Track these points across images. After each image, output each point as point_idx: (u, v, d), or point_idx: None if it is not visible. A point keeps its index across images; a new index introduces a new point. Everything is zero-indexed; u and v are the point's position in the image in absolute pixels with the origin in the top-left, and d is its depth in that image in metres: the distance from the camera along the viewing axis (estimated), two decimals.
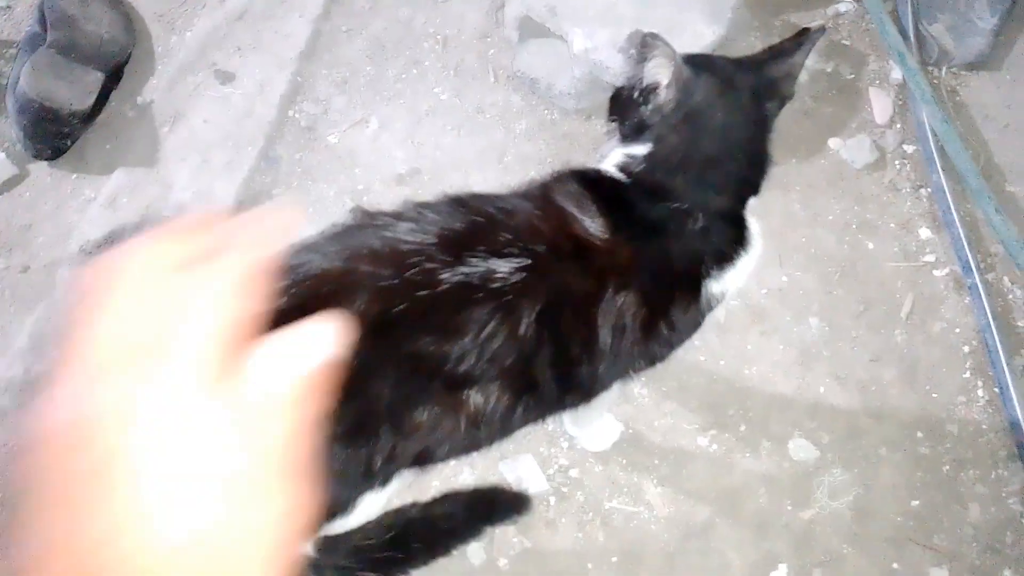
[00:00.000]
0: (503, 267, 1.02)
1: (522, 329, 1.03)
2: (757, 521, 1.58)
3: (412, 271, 0.99)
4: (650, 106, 1.18)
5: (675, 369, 1.71)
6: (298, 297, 0.96)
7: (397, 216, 1.07)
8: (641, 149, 1.19)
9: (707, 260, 1.16)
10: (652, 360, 1.24)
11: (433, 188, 1.93)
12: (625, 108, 1.23)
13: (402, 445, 1.03)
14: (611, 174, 1.20)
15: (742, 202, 1.21)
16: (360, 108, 2.06)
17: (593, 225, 1.11)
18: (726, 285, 1.19)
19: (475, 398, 1.04)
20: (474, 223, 1.07)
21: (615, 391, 1.30)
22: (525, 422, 1.15)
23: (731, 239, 1.19)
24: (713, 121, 1.16)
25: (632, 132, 1.21)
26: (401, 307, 0.98)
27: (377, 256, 1.01)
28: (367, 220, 1.09)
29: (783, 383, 1.71)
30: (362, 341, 0.96)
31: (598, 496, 1.59)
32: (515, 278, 1.02)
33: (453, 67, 2.14)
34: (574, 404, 1.22)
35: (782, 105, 1.24)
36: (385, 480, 1.09)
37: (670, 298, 1.15)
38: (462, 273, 1.00)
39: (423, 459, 1.09)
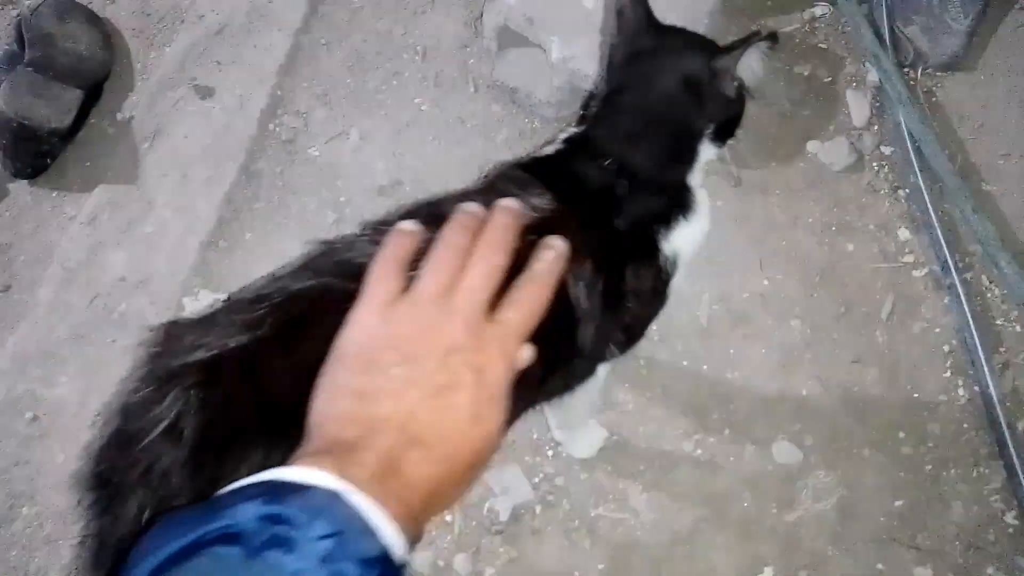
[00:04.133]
0: None
1: None
2: (743, 525, 1.59)
3: None
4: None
5: (659, 374, 1.72)
6: (277, 321, 0.96)
7: (354, 238, 1.09)
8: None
9: (650, 222, 1.19)
10: (627, 332, 1.25)
11: (415, 198, 1.93)
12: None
13: None
14: (549, 151, 1.24)
15: (674, 169, 1.23)
16: (341, 120, 2.06)
17: (540, 201, 1.13)
18: (676, 246, 1.21)
19: None
20: (428, 224, 1.09)
21: (600, 378, 1.32)
22: (521, 410, 1.16)
23: (671, 201, 1.21)
24: (645, 81, 1.19)
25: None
26: None
27: (343, 272, 1.02)
28: (326, 246, 1.10)
29: (766, 386, 1.72)
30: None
31: (584, 504, 1.59)
32: None
33: (433, 78, 2.14)
34: (565, 385, 1.25)
35: (722, 101, 1.21)
36: None
37: (624, 260, 1.17)
38: None
39: None
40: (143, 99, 2.08)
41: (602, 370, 1.33)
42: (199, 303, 1.76)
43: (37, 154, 1.91)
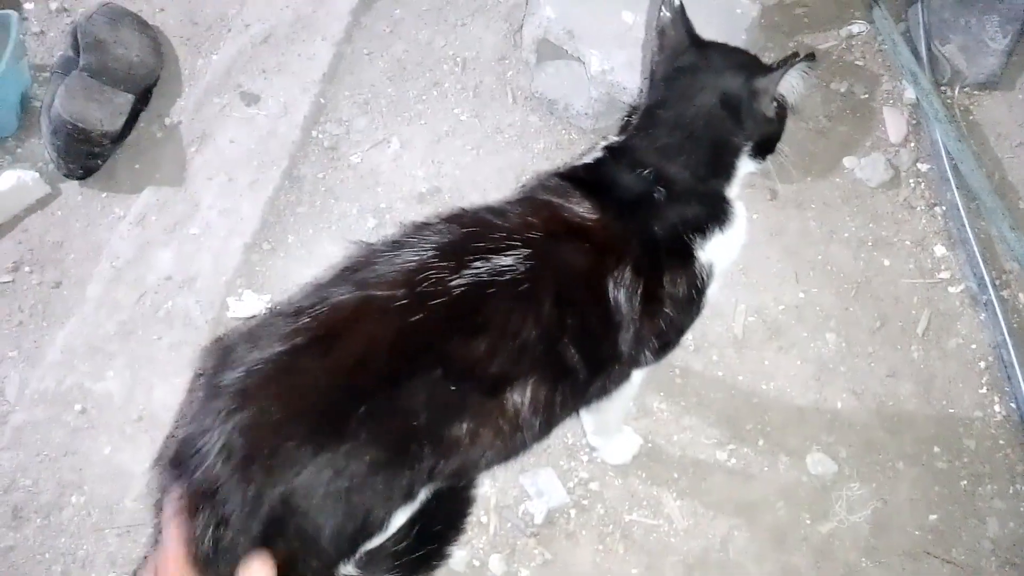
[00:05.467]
0: (507, 261, 1.06)
1: (544, 313, 1.07)
2: (776, 534, 1.59)
3: (422, 285, 1.03)
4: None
5: (694, 384, 1.73)
6: (321, 331, 1.00)
7: (396, 242, 1.12)
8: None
9: (687, 230, 1.21)
10: (662, 338, 1.27)
11: (453, 206, 1.97)
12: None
13: (442, 464, 1.05)
14: (588, 160, 1.28)
15: (711, 182, 1.25)
16: (382, 129, 2.11)
17: (580, 208, 1.17)
18: (711, 256, 1.23)
19: (513, 399, 1.07)
20: (468, 231, 1.12)
21: (635, 384, 1.34)
22: (562, 416, 1.19)
23: (708, 212, 1.24)
24: (686, 97, 1.22)
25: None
26: (418, 318, 1.01)
27: (386, 280, 1.05)
28: (368, 251, 1.13)
29: (801, 398, 1.73)
30: (385, 361, 0.99)
31: (618, 509, 1.61)
32: (523, 267, 1.07)
33: (472, 88, 2.18)
34: (603, 390, 1.26)
35: (760, 119, 1.24)
36: (418, 495, 1.12)
37: (661, 267, 1.20)
38: (469, 275, 1.04)
39: (462, 472, 1.12)
40: (190, 104, 2.14)
41: (637, 376, 1.35)
42: (243, 303, 1.80)
43: (89, 155, 1.96)
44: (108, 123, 1.97)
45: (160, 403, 1.67)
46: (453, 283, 1.02)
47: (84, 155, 1.96)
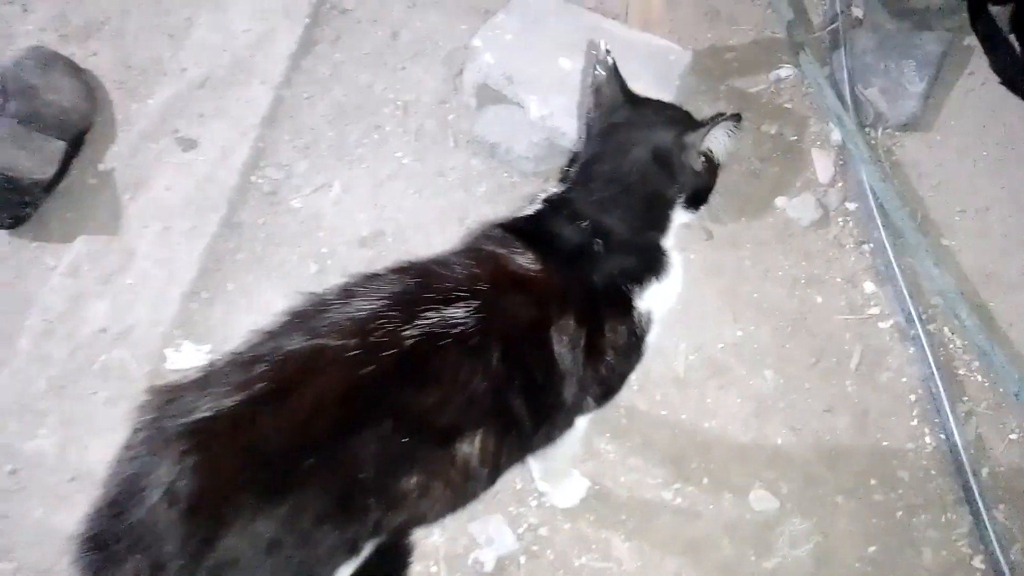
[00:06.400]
0: (457, 313, 1.08)
1: (492, 365, 1.09)
2: (722, 572, 1.62)
3: (375, 335, 1.04)
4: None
5: (639, 423, 1.75)
6: (274, 382, 0.99)
7: (347, 290, 1.13)
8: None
9: (625, 281, 1.24)
10: (604, 385, 1.30)
11: (397, 249, 1.98)
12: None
13: (388, 517, 1.05)
14: (529, 212, 1.31)
15: (646, 234, 1.29)
16: (323, 172, 2.10)
17: (523, 259, 1.20)
18: (649, 304, 1.27)
19: (463, 449, 1.08)
20: (418, 282, 1.14)
21: (580, 429, 1.37)
22: (510, 464, 1.21)
23: (645, 263, 1.27)
24: (620, 152, 1.26)
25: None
26: (369, 370, 1.01)
27: (338, 329, 1.06)
28: (319, 300, 1.13)
29: (742, 435, 1.77)
30: (336, 413, 0.99)
31: (568, 553, 1.61)
32: (471, 320, 1.08)
33: (414, 132, 2.20)
34: (547, 437, 1.28)
35: (690, 172, 1.27)
36: (362, 550, 1.11)
37: (601, 316, 1.23)
38: (421, 326, 1.05)
39: (409, 525, 1.12)
40: (125, 150, 2.10)
41: (581, 423, 1.37)
42: (181, 354, 1.77)
43: (19, 204, 1.91)
44: (39, 171, 1.92)
45: (96, 460, 1.62)
46: (405, 333, 1.03)
47: (14, 204, 1.91)
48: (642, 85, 2.01)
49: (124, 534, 0.95)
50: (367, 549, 1.12)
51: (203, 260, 1.91)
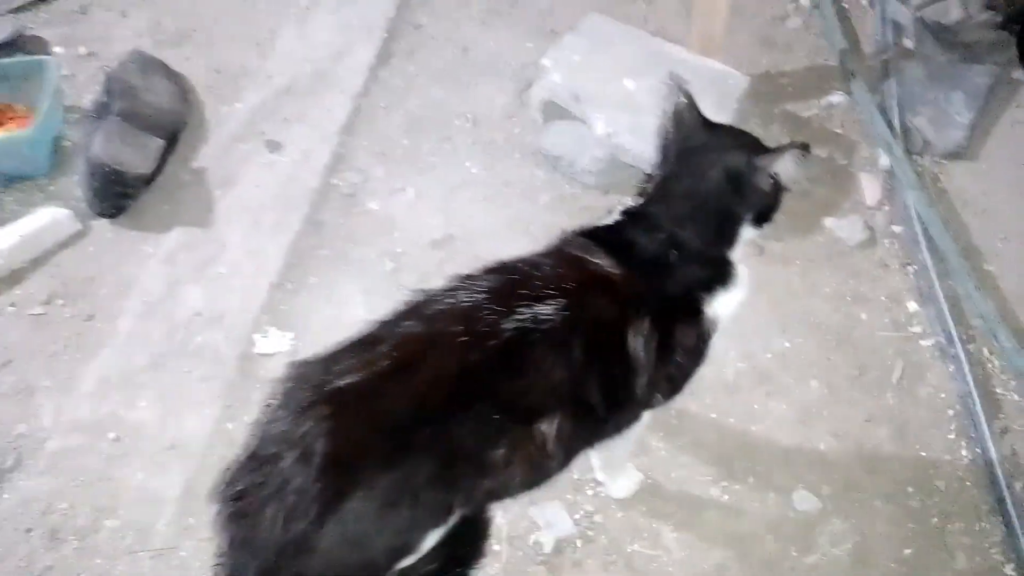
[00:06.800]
0: (546, 309, 1.21)
1: (574, 358, 1.21)
2: (766, 565, 1.72)
3: (479, 324, 1.18)
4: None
5: (689, 425, 1.87)
6: (396, 360, 1.13)
7: (451, 288, 1.27)
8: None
9: (696, 289, 1.37)
10: (671, 382, 1.43)
11: (465, 252, 2.11)
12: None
13: (480, 484, 1.18)
14: (608, 222, 1.43)
15: (717, 247, 1.40)
16: (398, 178, 2.25)
17: (604, 262, 1.32)
18: (716, 311, 1.39)
19: (542, 428, 1.20)
20: (511, 279, 1.28)
21: (644, 421, 1.49)
22: (581, 448, 1.34)
23: (714, 273, 1.39)
24: (696, 172, 1.38)
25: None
26: (475, 355, 1.16)
27: (448, 316, 1.20)
28: (427, 294, 1.28)
29: (787, 439, 1.88)
30: (449, 390, 1.13)
31: (620, 540, 1.73)
32: (559, 317, 1.21)
33: (482, 144, 2.34)
34: (616, 428, 1.41)
35: (759, 193, 1.37)
36: (452, 517, 1.24)
37: (674, 319, 1.35)
38: (517, 320, 1.19)
39: (493, 495, 1.25)
40: (216, 150, 2.26)
41: (647, 416, 1.50)
42: (268, 340, 1.91)
43: (122, 196, 2.07)
44: (141, 166, 2.09)
45: (190, 433, 1.77)
46: (504, 326, 1.17)
47: (117, 195, 2.07)
48: (703, 108, 2.15)
49: (263, 487, 1.08)
50: (455, 517, 1.24)
51: (288, 254, 2.06)
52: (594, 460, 1.73)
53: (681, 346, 1.37)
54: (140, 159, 2.09)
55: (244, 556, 1.11)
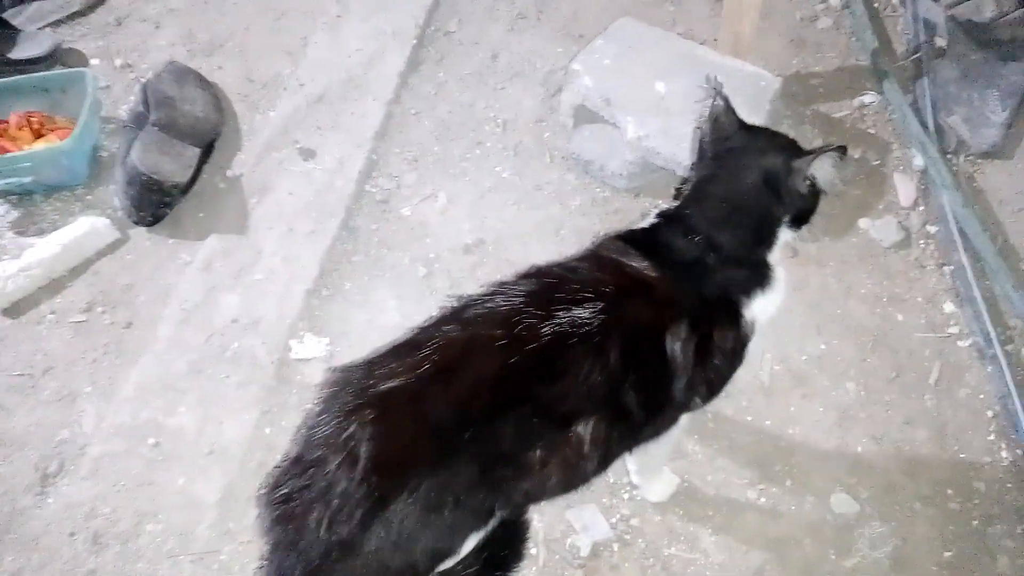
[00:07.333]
0: (584, 313, 1.21)
1: (611, 362, 1.22)
2: (804, 569, 1.71)
3: (518, 328, 1.18)
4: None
5: (725, 428, 1.86)
6: (438, 364, 1.14)
7: (488, 294, 1.28)
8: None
9: (735, 291, 1.36)
10: (709, 385, 1.41)
11: (497, 257, 2.12)
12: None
13: (518, 486, 1.19)
14: (644, 225, 1.43)
15: (755, 249, 1.40)
16: (429, 184, 2.26)
17: (641, 265, 1.32)
18: (754, 313, 1.38)
19: (579, 432, 1.21)
20: (549, 283, 1.28)
21: (682, 425, 1.49)
22: (618, 452, 1.34)
23: (753, 275, 1.39)
24: (733, 174, 1.38)
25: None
26: (515, 359, 1.16)
27: (487, 320, 1.21)
28: (465, 299, 1.29)
29: (824, 442, 1.86)
30: (489, 393, 1.14)
31: (658, 543, 1.73)
32: (597, 320, 1.21)
33: (512, 148, 2.35)
34: (655, 431, 1.41)
35: (796, 195, 1.38)
36: (492, 519, 1.25)
37: (712, 322, 1.34)
38: (555, 324, 1.19)
39: (530, 497, 1.25)
40: (250, 158, 2.29)
41: (684, 419, 1.49)
42: (304, 345, 1.93)
43: (160, 204, 2.11)
44: (179, 175, 2.12)
45: (229, 438, 1.80)
46: (543, 330, 1.17)
47: (155, 204, 2.11)
48: (752, 124, 2.15)
49: (309, 489, 1.10)
50: (495, 519, 1.25)
51: (323, 260, 2.08)
52: (630, 464, 1.73)
53: (719, 349, 1.37)
54: (176, 168, 2.12)
55: (289, 559, 1.12)
